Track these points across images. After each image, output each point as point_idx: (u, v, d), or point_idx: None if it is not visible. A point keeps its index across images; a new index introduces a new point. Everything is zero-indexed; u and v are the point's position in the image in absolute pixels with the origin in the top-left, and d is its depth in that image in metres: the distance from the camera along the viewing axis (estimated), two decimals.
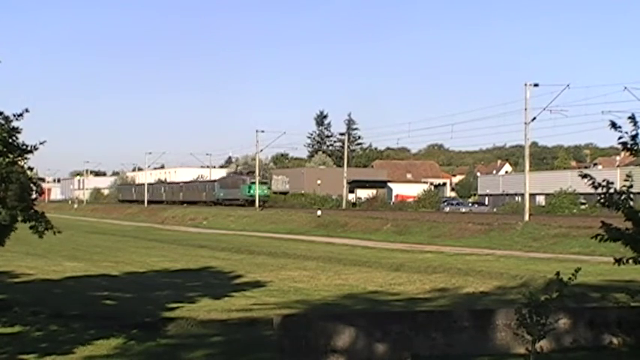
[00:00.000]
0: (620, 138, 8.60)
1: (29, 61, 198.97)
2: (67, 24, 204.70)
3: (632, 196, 8.72)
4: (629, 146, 8.62)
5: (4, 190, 12.00)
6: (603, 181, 8.67)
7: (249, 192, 75.81)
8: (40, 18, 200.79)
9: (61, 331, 13.80)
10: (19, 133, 12.63)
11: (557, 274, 7.68)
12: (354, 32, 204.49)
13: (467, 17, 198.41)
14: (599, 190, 8.70)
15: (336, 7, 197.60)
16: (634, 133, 8.56)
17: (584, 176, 8.89)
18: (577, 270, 7.65)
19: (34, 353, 11.51)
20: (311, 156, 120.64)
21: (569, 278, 7.57)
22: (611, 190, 8.62)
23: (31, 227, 12.72)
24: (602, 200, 8.69)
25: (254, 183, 75.64)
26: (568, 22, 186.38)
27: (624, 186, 8.63)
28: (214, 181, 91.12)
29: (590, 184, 8.74)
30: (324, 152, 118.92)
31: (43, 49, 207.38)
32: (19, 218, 12.39)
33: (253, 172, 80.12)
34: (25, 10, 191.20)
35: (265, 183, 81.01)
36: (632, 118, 8.54)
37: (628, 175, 8.70)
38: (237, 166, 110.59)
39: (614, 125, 8.56)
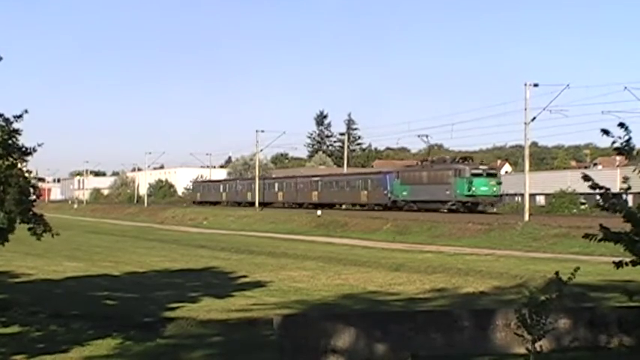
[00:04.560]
0: (613, 143, 8.74)
1: (29, 61, 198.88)
2: (66, 23, 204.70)
3: (627, 197, 8.84)
4: (623, 151, 8.75)
5: (3, 193, 11.99)
6: (605, 189, 8.78)
7: (468, 190, 48.72)
8: (37, 16, 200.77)
9: (61, 331, 13.80)
10: (19, 134, 12.64)
11: (557, 273, 7.69)
12: (354, 32, 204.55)
13: (467, 17, 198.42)
14: (598, 192, 8.79)
15: (337, 7, 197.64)
16: (627, 137, 8.69)
17: (586, 178, 8.98)
18: (576, 269, 7.67)
19: (33, 353, 11.52)
20: (311, 156, 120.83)
21: (569, 278, 7.58)
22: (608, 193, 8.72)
23: (29, 229, 12.73)
24: (600, 204, 8.79)
25: (477, 175, 49.30)
26: (568, 22, 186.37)
27: (622, 189, 8.75)
28: (386, 173, 60.16)
29: (589, 186, 8.84)
30: (324, 152, 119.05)
31: (42, 48, 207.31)
32: (17, 221, 12.38)
33: (469, 158, 55.13)
34: (22, 8, 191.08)
35: (494, 175, 51.33)
36: (622, 124, 8.69)
37: (625, 178, 8.85)
38: (237, 166, 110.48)
39: (605, 132, 8.70)
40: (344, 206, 64.52)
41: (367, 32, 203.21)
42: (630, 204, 8.96)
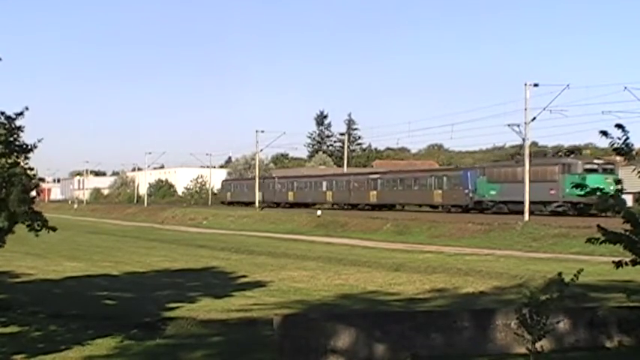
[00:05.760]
0: (612, 144, 8.82)
1: (28, 60, 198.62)
2: (66, 22, 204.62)
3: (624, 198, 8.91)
4: (622, 152, 8.83)
5: (6, 192, 11.98)
6: (596, 189, 8.84)
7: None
8: (37, 15, 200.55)
9: (61, 331, 13.81)
10: (22, 131, 12.68)
11: (560, 274, 7.70)
12: (354, 32, 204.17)
13: (467, 17, 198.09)
14: (595, 197, 8.87)
15: (336, 7, 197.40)
16: (625, 138, 8.77)
17: (577, 186, 9.09)
18: (579, 271, 7.67)
19: (34, 353, 11.52)
20: (311, 156, 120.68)
21: (571, 279, 7.58)
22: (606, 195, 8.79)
23: (27, 226, 12.73)
24: (599, 207, 8.87)
25: (592, 171, 40.89)
26: (568, 22, 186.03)
27: (617, 190, 8.81)
28: (467, 169, 53.27)
29: (585, 192, 8.94)
30: (324, 152, 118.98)
31: (41, 47, 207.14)
32: (19, 221, 12.38)
33: (578, 150, 47.65)
34: (22, 6, 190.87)
35: (611, 171, 40.82)
36: (620, 126, 8.76)
37: (617, 181, 8.96)
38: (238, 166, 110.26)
39: (604, 133, 8.78)
40: (406, 207, 57.42)
41: (367, 32, 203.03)
42: (630, 204, 9.02)
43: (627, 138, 8.75)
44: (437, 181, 53.51)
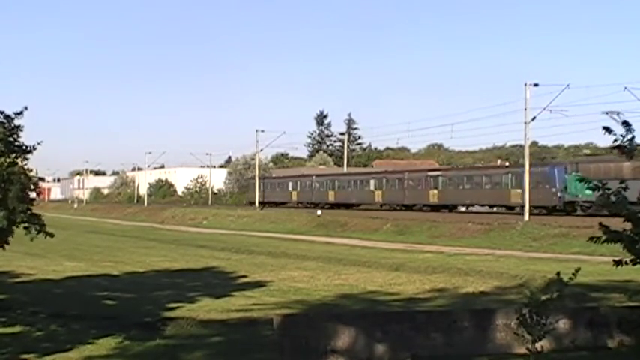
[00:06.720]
0: (614, 141, 8.78)
1: (28, 60, 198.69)
2: (66, 22, 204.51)
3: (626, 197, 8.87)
4: (625, 150, 8.79)
5: (4, 191, 11.99)
6: (599, 181, 8.81)
7: None
8: (36, 15, 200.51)
9: (61, 331, 13.82)
10: (21, 131, 12.69)
11: (558, 273, 7.71)
12: (354, 32, 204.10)
13: (466, 17, 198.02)
14: (597, 193, 8.84)
15: (336, 6, 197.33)
16: (630, 136, 8.74)
17: (582, 180, 9.07)
18: (577, 270, 7.69)
19: (35, 353, 11.53)
20: (311, 156, 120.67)
21: (570, 278, 7.59)
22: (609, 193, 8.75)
23: (25, 229, 12.73)
24: (601, 204, 8.83)
25: None
26: (568, 22, 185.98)
27: (619, 188, 8.80)
28: (554, 165, 47.16)
29: (587, 188, 8.90)
30: (324, 152, 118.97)
31: (42, 48, 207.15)
32: (18, 220, 12.38)
33: None
34: (20, 7, 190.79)
35: None
36: (626, 123, 8.73)
37: (621, 181, 8.94)
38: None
39: (607, 130, 8.74)
40: (473, 208, 51.31)
41: (367, 32, 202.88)
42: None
43: (633, 137, 8.71)
44: (514, 178, 46.49)
